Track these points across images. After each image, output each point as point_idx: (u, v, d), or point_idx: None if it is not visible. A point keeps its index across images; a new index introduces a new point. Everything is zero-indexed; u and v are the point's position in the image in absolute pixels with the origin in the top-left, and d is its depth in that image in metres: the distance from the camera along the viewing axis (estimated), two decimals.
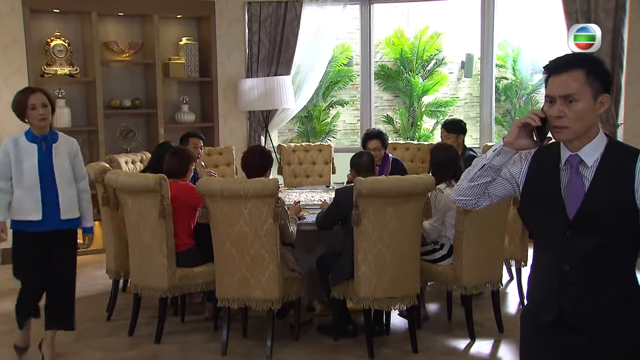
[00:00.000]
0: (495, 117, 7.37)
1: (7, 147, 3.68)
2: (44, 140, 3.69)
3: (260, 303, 3.96)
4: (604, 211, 1.97)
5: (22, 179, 3.65)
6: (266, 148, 4.40)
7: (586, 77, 1.94)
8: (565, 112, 1.95)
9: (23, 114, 3.66)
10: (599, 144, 2.00)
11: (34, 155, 3.66)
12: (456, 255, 4.14)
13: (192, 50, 6.65)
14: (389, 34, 11.79)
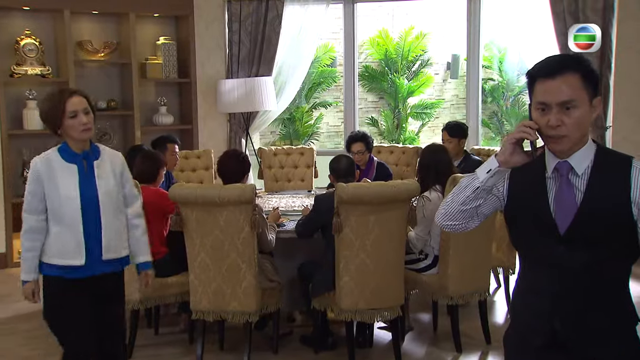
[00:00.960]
0: (482, 119, 7.23)
1: (37, 170, 2.81)
2: (85, 158, 2.87)
3: (237, 315, 3.79)
4: (599, 224, 1.83)
5: (61, 211, 2.83)
6: (243, 152, 4.22)
7: (582, 81, 1.82)
8: (564, 120, 1.81)
9: (58, 124, 2.80)
10: (589, 150, 1.87)
11: (73, 179, 2.83)
12: (442, 265, 3.98)
13: (170, 50, 6.45)
14: (373, 34, 11.68)
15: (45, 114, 2.86)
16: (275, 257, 4.24)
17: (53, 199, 2.82)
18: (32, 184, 2.84)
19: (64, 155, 2.85)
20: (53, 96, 2.87)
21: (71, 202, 2.82)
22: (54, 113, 2.81)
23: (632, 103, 5.81)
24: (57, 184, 2.81)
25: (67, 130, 2.80)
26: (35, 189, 2.83)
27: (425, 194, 4.04)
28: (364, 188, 3.70)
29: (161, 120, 6.46)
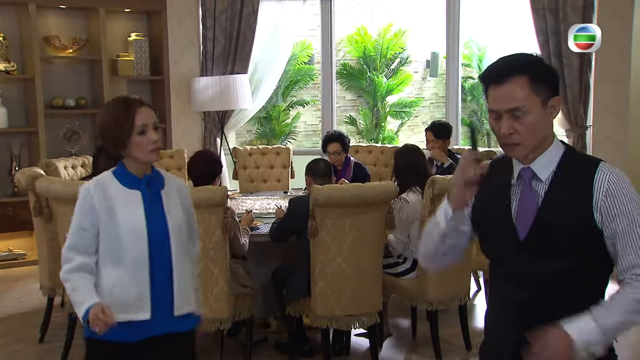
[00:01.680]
0: (462, 118, 7.14)
1: (91, 198, 2.24)
2: (148, 184, 2.31)
3: (208, 322, 3.63)
4: (559, 231, 1.73)
5: (122, 249, 2.23)
6: (215, 153, 4.06)
7: (530, 84, 1.71)
8: (515, 128, 1.72)
9: (123, 142, 2.23)
10: (553, 154, 1.77)
11: (138, 209, 2.26)
12: (421, 269, 3.85)
13: (141, 46, 6.26)
14: (351, 31, 11.53)
15: (108, 129, 2.26)
16: (248, 262, 4.10)
17: (111, 234, 2.22)
18: (83, 216, 2.23)
19: (123, 179, 2.27)
20: (118, 106, 2.28)
21: (136, 238, 2.22)
22: (120, 128, 2.22)
23: (613, 102, 5.74)
24: (117, 215, 2.22)
25: (132, 149, 2.24)
26: (87, 222, 2.22)
27: (402, 196, 3.93)
28: (340, 190, 3.57)
29: None
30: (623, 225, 1.70)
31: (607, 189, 1.70)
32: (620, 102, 5.66)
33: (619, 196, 1.70)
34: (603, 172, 1.72)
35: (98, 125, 2.45)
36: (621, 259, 1.71)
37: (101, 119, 2.35)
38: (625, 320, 1.68)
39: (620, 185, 1.71)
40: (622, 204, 1.70)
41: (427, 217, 3.69)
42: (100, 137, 2.34)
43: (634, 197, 1.72)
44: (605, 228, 1.72)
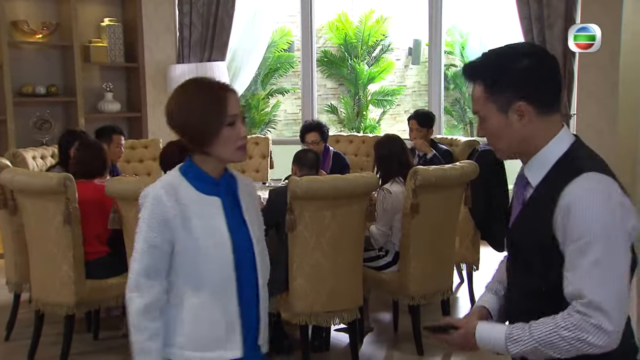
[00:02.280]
0: (444, 107, 7.03)
1: (161, 206, 1.79)
2: (227, 188, 1.92)
3: None
4: (527, 248, 1.60)
5: (203, 271, 1.83)
6: None
7: (485, 92, 1.60)
8: (486, 133, 1.66)
9: (211, 136, 1.81)
10: (548, 158, 1.58)
11: (219, 220, 1.86)
12: (402, 263, 3.74)
13: (115, 32, 6.05)
14: (332, 17, 11.38)
15: (193, 121, 1.80)
16: None
17: (189, 251, 1.80)
18: (154, 230, 1.78)
19: (198, 183, 1.84)
20: (205, 92, 1.83)
21: (220, 255, 1.83)
22: (211, 119, 1.79)
23: (596, 89, 5.66)
24: (194, 227, 1.80)
25: (218, 145, 1.81)
26: (160, 238, 1.78)
27: (385, 187, 3.82)
28: (319, 182, 3.43)
29: (107, 107, 6.08)
30: (570, 249, 1.48)
31: (568, 204, 1.47)
32: (604, 90, 5.58)
33: (575, 214, 1.46)
34: (575, 183, 1.48)
35: (177, 115, 1.83)
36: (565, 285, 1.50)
37: (181, 107, 1.83)
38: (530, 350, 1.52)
39: (585, 203, 1.45)
40: (576, 224, 1.46)
41: (409, 209, 3.58)
42: (180, 130, 1.84)
43: (599, 221, 1.44)
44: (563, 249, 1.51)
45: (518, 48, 1.65)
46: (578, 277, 1.45)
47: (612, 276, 1.43)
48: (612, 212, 1.45)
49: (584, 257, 1.44)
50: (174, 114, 1.84)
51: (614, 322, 1.42)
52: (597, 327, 1.42)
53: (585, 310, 1.44)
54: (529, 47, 1.70)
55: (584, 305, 1.44)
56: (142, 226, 1.80)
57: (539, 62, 1.58)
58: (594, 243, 1.43)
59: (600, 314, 1.42)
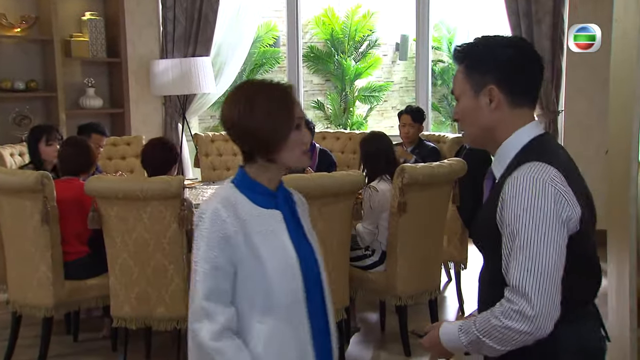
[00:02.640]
0: (432, 103, 6.97)
1: (220, 223, 1.64)
2: (286, 201, 1.80)
3: (164, 322, 3.44)
4: (482, 240, 1.65)
5: (272, 294, 1.66)
6: (170, 141, 3.82)
7: (464, 72, 1.65)
8: (458, 113, 1.70)
9: (280, 143, 1.69)
10: (508, 151, 1.60)
11: (283, 238, 1.71)
12: (389, 262, 3.67)
13: (97, 26, 5.92)
14: (318, 12, 11.28)
15: (267, 121, 1.66)
16: None
17: (255, 272, 1.65)
18: (216, 249, 1.62)
19: (255, 195, 1.70)
20: (273, 90, 1.71)
21: (289, 276, 1.68)
22: (281, 124, 1.67)
23: (586, 86, 5.62)
24: (257, 246, 1.65)
25: (284, 151, 1.69)
26: (222, 258, 1.62)
27: (372, 184, 3.76)
28: (304, 180, 3.35)
29: (89, 103, 5.95)
30: (505, 234, 1.50)
31: (504, 193, 1.51)
32: (593, 86, 5.54)
33: (509, 198, 1.49)
34: (514, 173, 1.52)
35: (240, 122, 1.67)
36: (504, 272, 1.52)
37: (246, 113, 1.66)
38: (475, 340, 1.52)
39: (516, 191, 1.48)
40: (509, 208, 1.48)
41: (396, 208, 3.52)
42: (243, 137, 1.70)
43: (525, 205, 1.46)
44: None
45: (507, 38, 1.67)
46: (508, 263, 1.49)
47: (536, 262, 1.43)
48: (544, 198, 1.46)
49: (512, 243, 1.47)
50: (235, 121, 1.68)
51: (536, 308, 1.42)
52: (518, 313, 1.43)
53: (509, 296, 1.46)
54: (517, 40, 1.72)
55: (509, 291, 1.47)
56: (201, 245, 1.63)
57: (520, 54, 1.62)
58: (520, 229, 1.45)
59: (521, 298, 1.43)
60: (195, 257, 1.66)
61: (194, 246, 1.67)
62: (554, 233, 1.45)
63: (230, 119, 1.71)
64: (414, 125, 4.90)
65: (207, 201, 1.71)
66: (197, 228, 1.67)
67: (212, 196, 1.73)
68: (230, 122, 1.71)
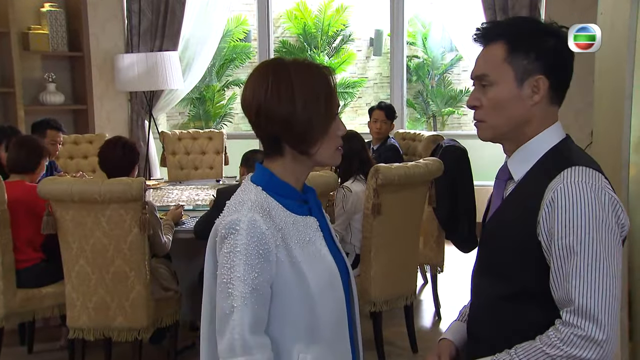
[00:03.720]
0: (407, 99, 6.84)
1: (260, 236, 1.36)
2: (314, 203, 1.55)
3: (124, 333, 3.25)
4: (503, 247, 1.41)
5: (318, 318, 1.42)
6: (129, 140, 3.60)
7: (506, 52, 1.43)
8: (481, 100, 1.47)
9: (321, 131, 1.43)
10: (535, 150, 1.43)
11: (322, 249, 1.47)
12: (363, 266, 3.52)
13: (57, 18, 5.67)
14: (290, 6, 11.11)
15: (307, 109, 1.40)
16: (173, 261, 3.70)
17: (299, 293, 1.40)
18: (256, 268, 1.35)
19: (286, 200, 1.45)
20: (312, 71, 1.45)
21: (335, 295, 1.46)
22: (325, 106, 1.43)
23: None
24: (299, 260, 1.40)
25: (324, 143, 1.45)
26: (263, 278, 1.36)
27: (346, 184, 3.61)
28: None
29: (49, 99, 5.70)
30: (557, 248, 1.32)
31: (551, 198, 1.33)
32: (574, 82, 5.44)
33: (561, 208, 1.31)
34: (562, 177, 1.35)
35: (272, 110, 1.41)
36: (554, 292, 1.35)
37: (279, 99, 1.40)
38: None
39: (569, 195, 1.31)
40: (563, 219, 1.31)
41: (370, 210, 3.36)
42: (276, 128, 1.41)
43: (586, 216, 1.30)
44: (546, 247, 1.35)
45: (547, 24, 1.48)
46: (567, 280, 1.30)
47: (604, 278, 1.28)
48: (603, 207, 1.31)
49: (574, 257, 1.29)
50: (266, 109, 1.40)
51: (606, 331, 1.26)
52: (587, 340, 1.26)
53: (573, 320, 1.28)
54: (558, 29, 1.48)
55: (571, 313, 1.29)
56: (237, 264, 1.34)
57: (564, 47, 1.47)
58: (585, 241, 1.29)
59: (590, 322, 1.27)
60: (225, 277, 1.35)
61: (222, 263, 1.37)
62: (617, 244, 1.31)
63: (255, 107, 1.42)
64: (387, 122, 4.81)
65: (237, 209, 1.39)
66: (227, 242, 1.36)
67: (237, 202, 1.42)
68: (257, 112, 1.41)
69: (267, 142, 1.46)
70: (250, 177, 1.49)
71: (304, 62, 1.46)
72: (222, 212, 1.44)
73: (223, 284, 1.35)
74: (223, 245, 1.38)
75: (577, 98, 5.45)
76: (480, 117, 1.48)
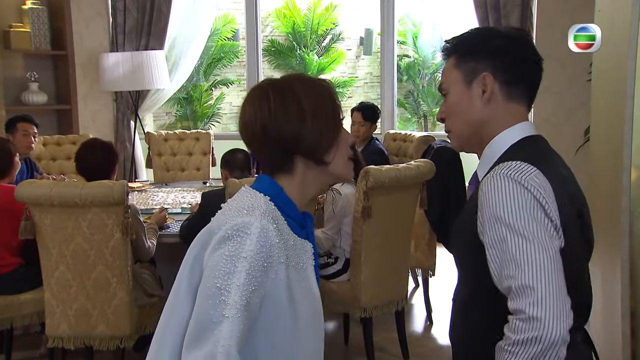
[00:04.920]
0: (398, 99, 6.76)
1: (270, 244, 1.26)
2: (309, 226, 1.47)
3: (106, 341, 3.15)
4: (460, 251, 1.49)
5: (296, 347, 1.33)
6: (107, 141, 3.49)
7: (455, 60, 1.49)
8: (446, 111, 1.52)
9: (332, 142, 1.39)
10: (495, 151, 1.42)
11: (311, 275, 1.41)
12: (353, 271, 3.42)
13: (40, 16, 5.53)
14: (279, 4, 10.98)
15: (315, 120, 1.36)
16: (158, 266, 3.59)
17: (286, 319, 1.31)
18: (256, 280, 1.24)
19: (291, 220, 1.37)
20: (312, 84, 1.41)
21: (317, 326, 1.40)
22: (332, 115, 1.39)
23: (552, 84, 5.45)
24: (294, 284, 1.32)
25: (338, 154, 1.40)
26: (257, 294, 1.25)
27: (335, 187, 3.51)
28: None
29: (32, 98, 5.55)
30: (489, 240, 1.31)
31: (481, 193, 1.34)
32: (559, 84, 5.38)
33: (486, 201, 1.32)
34: (490, 172, 1.35)
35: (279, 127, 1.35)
36: (496, 283, 1.32)
37: (285, 115, 1.35)
38: None
39: (489, 187, 1.31)
40: (488, 212, 1.31)
41: (360, 213, 3.27)
42: (286, 144, 1.35)
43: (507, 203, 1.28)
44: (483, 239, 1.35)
45: (503, 29, 1.52)
46: (503, 267, 1.27)
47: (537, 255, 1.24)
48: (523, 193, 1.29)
49: (503, 244, 1.27)
50: (273, 128, 1.34)
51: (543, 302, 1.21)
52: (525, 320, 1.21)
53: (515, 305, 1.23)
54: (514, 31, 1.53)
55: (511, 300, 1.24)
56: (240, 271, 1.22)
57: (516, 44, 1.47)
58: (510, 226, 1.27)
59: (525, 298, 1.22)
60: (220, 282, 1.22)
61: (219, 266, 1.23)
62: (547, 231, 1.27)
63: (257, 120, 1.36)
64: (365, 123, 4.61)
65: (249, 214, 1.28)
66: (231, 244, 1.24)
67: (246, 206, 1.31)
68: (261, 124, 1.35)
69: (276, 158, 1.38)
70: (252, 186, 1.39)
71: (303, 76, 1.44)
72: (219, 214, 1.35)
73: (215, 289, 1.22)
74: (224, 246, 1.25)
75: (570, 97, 5.45)
76: (447, 127, 1.51)
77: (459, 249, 1.48)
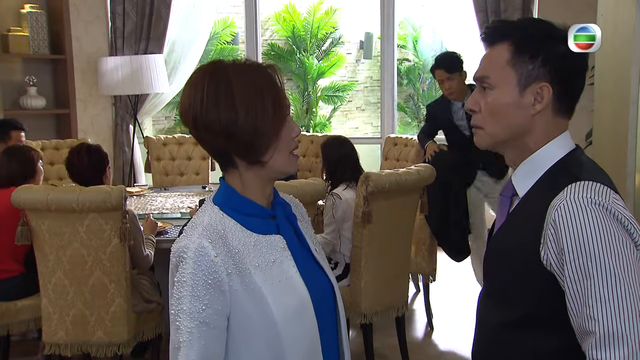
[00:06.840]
0: (398, 103, 6.74)
1: (208, 264, 1.24)
2: (287, 217, 1.42)
3: (103, 348, 3.12)
4: (506, 269, 1.29)
5: (283, 347, 1.28)
6: (96, 145, 3.45)
7: (511, 54, 1.31)
8: (480, 104, 1.36)
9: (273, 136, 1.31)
10: (539, 164, 1.31)
11: (290, 271, 1.34)
12: (354, 276, 3.40)
13: (38, 20, 5.51)
14: (278, 8, 10.96)
15: (253, 113, 1.26)
16: (156, 271, 3.58)
17: (258, 324, 1.28)
18: (201, 300, 1.24)
19: (248, 219, 1.33)
20: (253, 71, 1.30)
21: (302, 320, 1.32)
22: (273, 107, 1.29)
23: None
24: (260, 287, 1.28)
25: (278, 149, 1.32)
26: (212, 312, 1.24)
27: (335, 191, 3.50)
28: None
29: (30, 103, 5.53)
30: (569, 271, 1.19)
31: (554, 217, 1.21)
32: None
33: (567, 228, 1.19)
34: (564, 193, 1.22)
35: (214, 118, 1.26)
36: (572, 319, 1.21)
37: (220, 104, 1.25)
38: None
39: (573, 214, 1.19)
40: (571, 240, 1.18)
41: (360, 218, 3.24)
42: (220, 139, 1.28)
43: (594, 234, 1.17)
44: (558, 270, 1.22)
45: (560, 29, 1.36)
46: (586, 306, 1.16)
47: (627, 299, 1.14)
48: (611, 223, 1.18)
49: (589, 280, 1.16)
50: (203, 120, 1.26)
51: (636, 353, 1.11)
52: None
53: (600, 355, 1.13)
54: None
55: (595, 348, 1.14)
56: (183, 295, 1.23)
57: (578, 55, 1.35)
58: (598, 261, 1.16)
59: (616, 348, 1.12)
60: (174, 309, 1.26)
61: (172, 294, 1.28)
62: (636, 264, 1.17)
63: (192, 110, 1.27)
64: (452, 76, 3.99)
65: (187, 235, 1.28)
66: (175, 271, 1.28)
67: (191, 226, 1.31)
68: (192, 115, 1.27)
69: (215, 156, 1.34)
70: (212, 197, 1.36)
71: (244, 63, 1.31)
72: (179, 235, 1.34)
73: (173, 316, 1.26)
74: (176, 272, 1.28)
75: None
76: (477, 123, 1.37)
77: (503, 269, 1.32)
